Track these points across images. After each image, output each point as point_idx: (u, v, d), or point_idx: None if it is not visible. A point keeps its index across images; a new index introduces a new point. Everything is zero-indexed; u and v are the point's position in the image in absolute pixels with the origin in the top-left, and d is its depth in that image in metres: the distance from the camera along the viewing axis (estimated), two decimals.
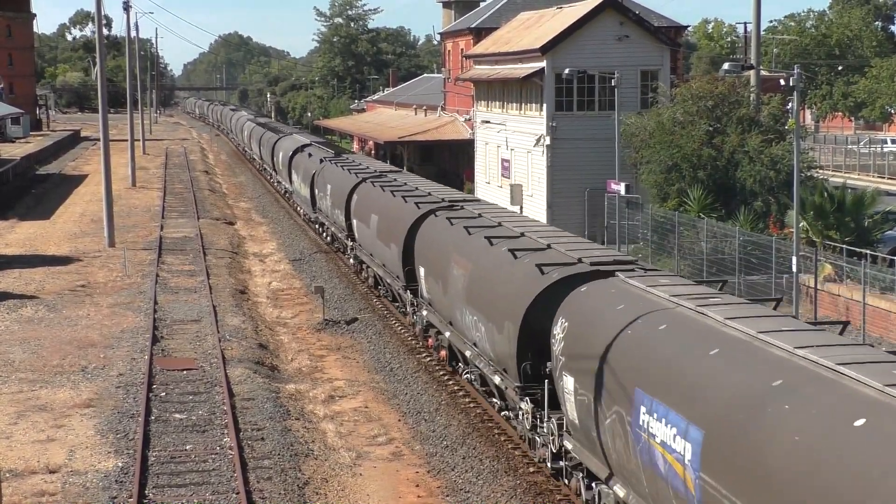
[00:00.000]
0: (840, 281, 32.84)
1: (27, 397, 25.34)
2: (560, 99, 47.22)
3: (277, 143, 69.02)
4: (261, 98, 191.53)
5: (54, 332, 31.53)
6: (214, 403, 24.72)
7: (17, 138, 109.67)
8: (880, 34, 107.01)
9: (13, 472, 20.47)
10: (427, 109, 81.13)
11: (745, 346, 14.05)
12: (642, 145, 42.83)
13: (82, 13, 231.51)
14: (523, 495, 19.67)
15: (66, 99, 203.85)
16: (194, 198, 65.98)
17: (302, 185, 53.67)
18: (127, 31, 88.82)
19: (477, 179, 58.67)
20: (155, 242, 47.85)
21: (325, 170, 47.44)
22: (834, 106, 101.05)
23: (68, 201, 65.69)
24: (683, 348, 14.95)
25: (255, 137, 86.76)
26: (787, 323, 15.11)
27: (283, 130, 79.87)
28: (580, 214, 46.29)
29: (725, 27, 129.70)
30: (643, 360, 15.52)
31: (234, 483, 19.93)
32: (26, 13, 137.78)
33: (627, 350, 16.04)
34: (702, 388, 13.89)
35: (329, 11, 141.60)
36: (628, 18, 47.61)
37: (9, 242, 48.95)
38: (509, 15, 61.52)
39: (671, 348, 15.18)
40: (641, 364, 15.49)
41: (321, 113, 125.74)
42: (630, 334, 16.21)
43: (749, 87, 43.26)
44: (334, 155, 51.31)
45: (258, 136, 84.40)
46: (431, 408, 25.00)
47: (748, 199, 39.75)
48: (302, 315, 35.40)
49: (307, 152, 56.08)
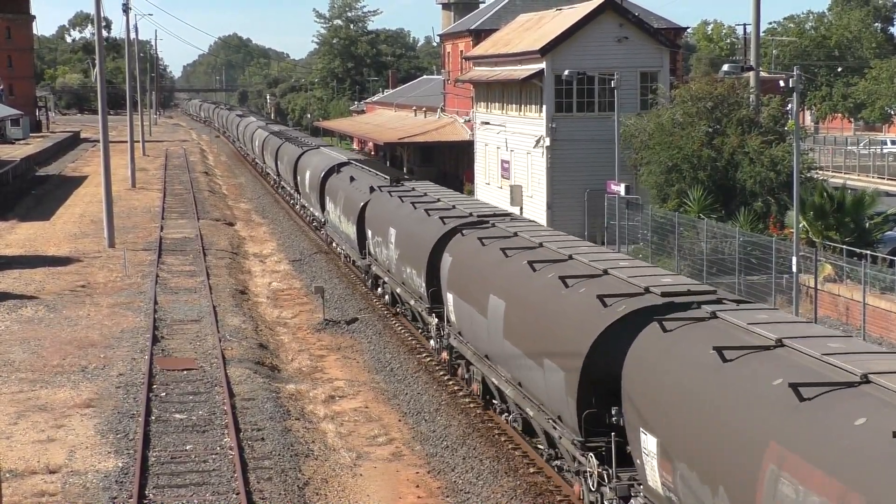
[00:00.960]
0: (840, 281, 32.85)
1: (27, 397, 25.34)
2: (560, 100, 47.21)
3: (302, 159, 56.38)
4: (260, 100, 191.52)
5: (54, 333, 31.53)
6: (214, 403, 24.72)
7: (16, 140, 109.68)
8: (880, 35, 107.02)
9: (13, 472, 20.46)
10: (427, 111, 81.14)
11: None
12: (642, 146, 42.84)
13: (82, 15, 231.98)
14: (523, 496, 19.67)
15: (65, 100, 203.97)
16: (194, 199, 65.99)
17: (343, 220, 40.85)
18: (126, 33, 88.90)
19: (477, 181, 58.68)
20: (155, 243, 47.86)
21: (380, 204, 35.30)
22: (833, 107, 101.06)
23: (68, 202, 65.71)
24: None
25: (270, 149, 73.69)
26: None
27: (306, 142, 65.46)
28: (580, 215, 46.29)
29: (725, 29, 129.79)
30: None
31: (234, 483, 19.92)
32: (26, 15, 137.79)
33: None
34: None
35: (328, 13, 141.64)
36: (628, 20, 47.62)
37: (9, 243, 48.96)
38: (509, 16, 61.54)
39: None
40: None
41: (321, 114, 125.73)
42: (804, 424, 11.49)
43: (749, 89, 43.25)
44: (391, 182, 37.88)
45: (273, 148, 71.66)
46: (432, 408, 25.00)
47: (748, 199, 39.76)
48: (302, 315, 35.42)
49: (347, 174, 42.89)
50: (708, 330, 15.06)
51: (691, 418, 13.84)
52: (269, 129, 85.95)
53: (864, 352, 13.13)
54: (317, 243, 49.53)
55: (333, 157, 49.93)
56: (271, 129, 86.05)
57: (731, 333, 14.57)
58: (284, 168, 63.98)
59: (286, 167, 62.83)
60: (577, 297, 18.35)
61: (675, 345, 15.18)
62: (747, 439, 12.40)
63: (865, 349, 13.49)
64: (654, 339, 15.68)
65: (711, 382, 13.50)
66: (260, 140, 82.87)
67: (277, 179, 70.61)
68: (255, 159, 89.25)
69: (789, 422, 11.87)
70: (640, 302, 16.92)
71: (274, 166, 71.04)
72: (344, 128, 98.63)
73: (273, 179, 74.61)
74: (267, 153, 76.24)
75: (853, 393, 11.69)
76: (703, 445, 13.43)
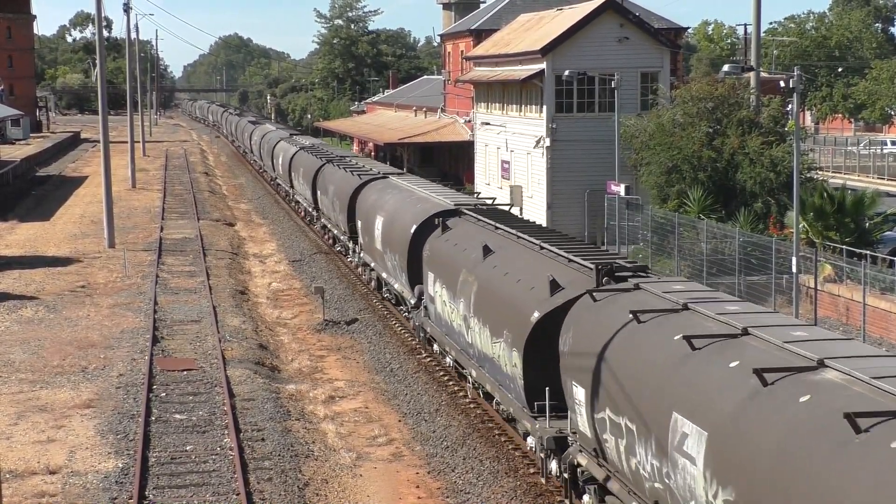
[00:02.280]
0: (840, 281, 32.85)
1: (27, 398, 25.35)
2: (560, 100, 47.22)
3: (368, 199, 37.21)
4: (261, 100, 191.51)
5: (54, 333, 31.53)
6: (215, 404, 24.72)
7: (17, 140, 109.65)
8: (880, 36, 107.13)
9: (13, 472, 20.47)
10: (427, 111, 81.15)
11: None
12: (642, 147, 42.85)
13: (82, 15, 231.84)
14: (523, 496, 19.67)
15: (66, 101, 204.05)
16: (194, 199, 66.00)
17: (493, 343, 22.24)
18: (127, 33, 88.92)
19: (477, 181, 58.69)
20: (155, 243, 47.87)
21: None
22: (834, 107, 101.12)
23: (68, 203, 65.72)
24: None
25: (303, 174, 53.64)
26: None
27: (366, 167, 44.26)
28: (580, 216, 46.30)
29: (725, 29, 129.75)
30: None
31: (234, 484, 19.93)
32: (26, 14, 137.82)
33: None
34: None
35: (329, 13, 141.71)
36: (628, 20, 47.62)
37: (9, 244, 48.96)
38: (509, 17, 61.54)
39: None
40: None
41: (321, 115, 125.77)
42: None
43: (749, 89, 43.25)
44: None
45: (309, 173, 51.15)
46: (432, 408, 25.01)
47: (748, 200, 39.77)
48: (302, 315, 35.42)
49: (483, 242, 23.90)
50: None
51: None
52: (295, 141, 65.88)
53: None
54: (316, 244, 49.52)
55: (430, 199, 31.45)
56: (299, 141, 64.94)
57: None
58: (332, 203, 43.78)
59: (334, 201, 43.13)
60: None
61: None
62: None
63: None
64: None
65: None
66: (284, 156, 62.69)
67: (313, 213, 51.44)
68: (278, 180, 69.38)
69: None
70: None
71: (310, 196, 51.17)
72: (344, 128, 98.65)
73: (302, 209, 56.78)
74: (298, 177, 56.15)
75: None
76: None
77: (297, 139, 69.04)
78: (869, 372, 11.77)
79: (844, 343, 13.56)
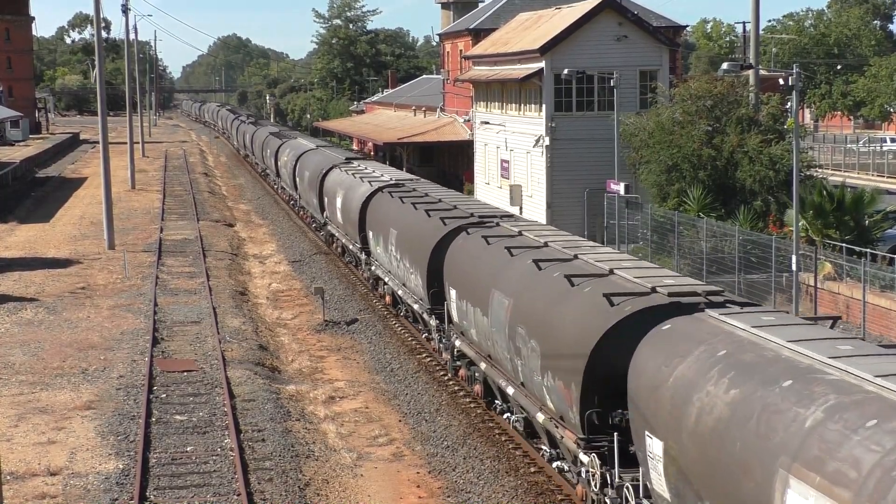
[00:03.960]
0: (840, 279, 32.85)
1: (28, 399, 25.34)
2: (559, 99, 47.20)
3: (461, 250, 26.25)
4: (260, 100, 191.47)
5: (54, 335, 31.53)
6: (215, 405, 24.72)
7: (16, 141, 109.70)
8: (879, 33, 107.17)
9: (14, 474, 20.46)
10: (426, 110, 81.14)
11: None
12: (641, 145, 42.82)
13: (81, 16, 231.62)
14: (524, 495, 19.68)
15: (65, 102, 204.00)
16: (194, 200, 66.01)
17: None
18: (126, 34, 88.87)
19: (476, 180, 58.68)
20: (155, 244, 47.86)
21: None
22: (833, 105, 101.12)
23: (68, 204, 65.73)
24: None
25: (349, 210, 39.28)
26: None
27: (451, 204, 30.93)
28: (579, 215, 46.30)
29: (724, 27, 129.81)
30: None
31: (235, 485, 19.93)
32: (25, 16, 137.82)
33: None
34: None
35: (328, 13, 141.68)
36: (627, 19, 47.61)
37: (8, 245, 48.96)
38: (508, 16, 61.53)
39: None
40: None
41: (320, 115, 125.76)
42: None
43: (748, 87, 43.24)
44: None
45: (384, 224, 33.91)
46: (432, 408, 25.01)
47: (748, 198, 39.76)
48: (302, 316, 35.41)
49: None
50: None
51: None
52: (360, 173, 41.82)
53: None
54: (316, 244, 49.50)
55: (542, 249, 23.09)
56: (365, 172, 42.47)
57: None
58: (397, 249, 31.67)
59: (409, 254, 30.15)
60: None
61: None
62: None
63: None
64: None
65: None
66: (356, 210, 38.17)
67: (356, 252, 39.35)
68: (301, 203, 55.42)
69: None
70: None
71: (355, 233, 38.50)
72: (343, 128, 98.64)
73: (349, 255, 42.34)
74: (341, 212, 41.59)
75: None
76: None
77: (346, 155, 52.45)
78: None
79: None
